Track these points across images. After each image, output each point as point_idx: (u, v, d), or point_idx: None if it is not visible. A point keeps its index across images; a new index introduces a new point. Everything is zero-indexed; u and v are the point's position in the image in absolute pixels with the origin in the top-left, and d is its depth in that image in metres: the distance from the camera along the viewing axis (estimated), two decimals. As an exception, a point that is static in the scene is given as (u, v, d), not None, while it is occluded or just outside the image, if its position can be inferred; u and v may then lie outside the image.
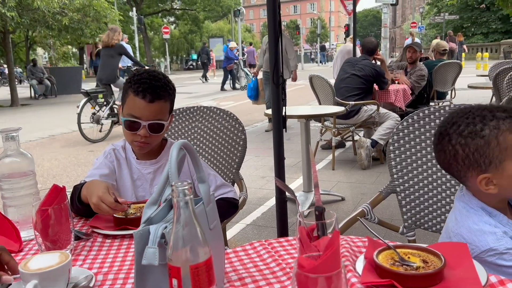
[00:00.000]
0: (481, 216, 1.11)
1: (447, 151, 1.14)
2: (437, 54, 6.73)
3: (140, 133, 1.46)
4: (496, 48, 28.23)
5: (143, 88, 1.44)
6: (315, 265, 0.66)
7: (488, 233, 1.06)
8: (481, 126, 1.09)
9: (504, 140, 1.07)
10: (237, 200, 1.64)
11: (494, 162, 1.09)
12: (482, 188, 1.11)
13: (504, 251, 1.03)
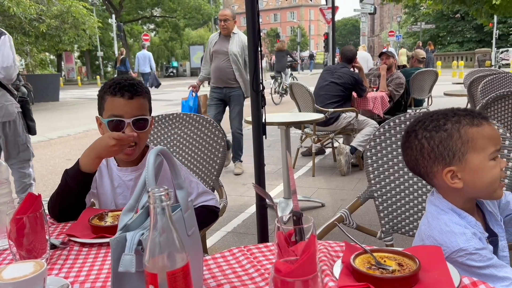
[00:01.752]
0: (451, 217, 1.14)
1: (413, 147, 1.19)
2: (416, 61, 6.88)
3: (126, 131, 1.45)
4: (471, 57, 29.00)
5: (119, 87, 1.47)
6: (291, 269, 0.67)
7: (458, 234, 1.09)
8: (444, 121, 1.15)
9: (466, 133, 1.12)
10: (218, 208, 1.64)
11: (458, 155, 1.13)
12: (448, 182, 1.15)
13: (474, 252, 1.06)
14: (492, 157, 1.12)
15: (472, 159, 1.12)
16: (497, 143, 1.13)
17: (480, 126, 1.12)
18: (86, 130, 9.16)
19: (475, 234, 1.09)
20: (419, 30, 34.18)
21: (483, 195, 1.17)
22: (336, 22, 7.73)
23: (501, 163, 1.13)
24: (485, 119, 1.15)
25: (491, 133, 1.13)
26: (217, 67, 5.02)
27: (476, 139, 1.12)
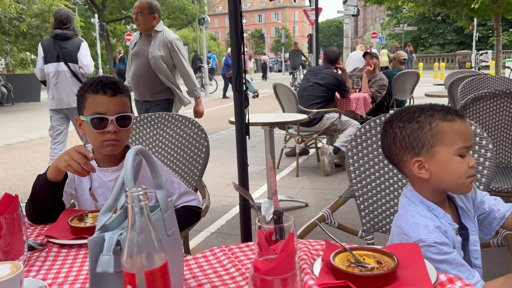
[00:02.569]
0: (419, 209, 1.18)
1: (388, 135, 1.24)
2: (397, 63, 6.97)
3: (110, 129, 1.44)
4: (452, 59, 29.49)
5: (101, 85, 1.46)
6: (270, 268, 0.67)
7: (421, 226, 1.13)
8: (419, 113, 1.19)
9: (436, 126, 1.16)
10: (201, 208, 1.64)
11: (426, 146, 1.17)
12: (415, 171, 1.19)
13: (432, 244, 1.09)
14: (459, 152, 1.15)
15: (440, 151, 1.16)
16: (467, 140, 1.16)
17: (452, 122, 1.16)
18: (68, 131, 9.02)
19: (439, 228, 1.13)
20: (402, 32, 34.64)
21: (448, 188, 1.20)
22: (320, 24, 7.82)
23: (470, 161, 1.16)
24: (459, 116, 1.18)
25: (462, 130, 1.16)
26: (134, 74, 3.82)
27: (446, 133, 1.16)
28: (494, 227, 1.29)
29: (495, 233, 1.30)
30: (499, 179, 2.49)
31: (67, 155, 1.32)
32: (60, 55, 4.27)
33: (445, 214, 1.18)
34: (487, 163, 1.55)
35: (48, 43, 4.33)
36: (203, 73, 16.44)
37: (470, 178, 1.16)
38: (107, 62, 33.46)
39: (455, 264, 1.09)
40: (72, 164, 1.30)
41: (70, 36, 4.33)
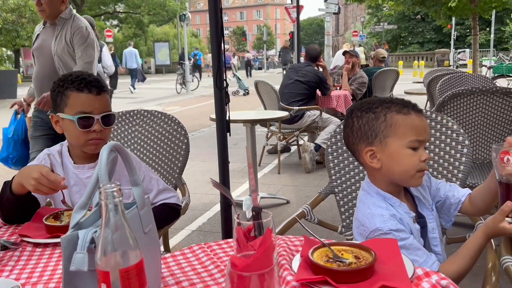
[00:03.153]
0: (375, 201, 1.23)
1: (347, 124, 1.29)
2: (377, 61, 7.05)
3: (95, 128, 1.43)
4: (431, 57, 29.95)
5: (85, 83, 1.44)
6: (247, 263, 0.66)
7: (377, 215, 1.17)
8: (377, 105, 1.24)
9: (391, 117, 1.20)
10: (180, 205, 1.62)
11: (379, 136, 1.21)
12: (368, 160, 1.23)
13: (387, 231, 1.13)
14: (410, 145, 1.18)
15: (391, 143, 1.20)
16: (420, 134, 1.19)
17: (406, 115, 1.20)
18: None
19: (394, 216, 1.17)
20: (382, 31, 35.00)
21: (398, 180, 1.24)
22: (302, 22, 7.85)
23: (422, 155, 1.19)
24: (416, 110, 1.21)
25: (415, 123, 1.19)
26: (37, 75, 2.99)
27: (399, 125, 1.19)
28: (452, 212, 1.33)
29: (449, 216, 1.33)
30: (476, 175, 2.54)
31: (33, 179, 1.21)
32: None
33: (401, 203, 1.22)
34: (463, 158, 1.57)
35: None
36: (184, 70, 16.32)
37: (420, 172, 1.20)
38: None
39: (412, 249, 1.12)
40: (42, 188, 1.23)
41: None
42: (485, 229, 1.11)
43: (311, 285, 0.86)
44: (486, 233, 1.11)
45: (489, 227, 1.10)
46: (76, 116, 1.42)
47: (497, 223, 1.07)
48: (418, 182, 1.22)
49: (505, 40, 31.76)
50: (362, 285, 0.85)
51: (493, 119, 2.60)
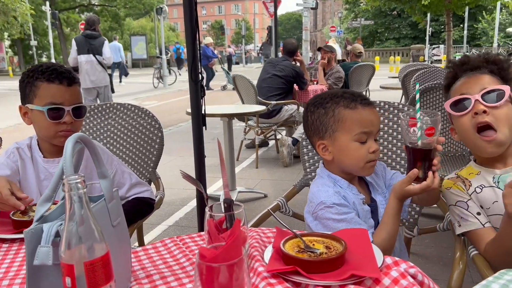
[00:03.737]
0: (325, 182, 1.31)
1: (304, 118, 1.35)
2: (353, 56, 7.12)
3: (66, 120, 1.40)
4: (407, 53, 30.41)
5: (56, 74, 1.41)
6: (216, 254, 0.66)
7: (322, 191, 1.26)
8: (328, 99, 1.29)
9: (339, 113, 1.26)
10: (154, 200, 1.61)
11: (329, 131, 1.28)
12: (320, 153, 1.31)
13: (331, 205, 1.21)
14: (357, 138, 1.25)
15: (340, 137, 1.26)
16: (366, 126, 1.25)
17: (353, 109, 1.25)
18: (18, 123, 8.63)
19: (338, 192, 1.25)
20: (359, 26, 35.34)
21: (349, 170, 1.31)
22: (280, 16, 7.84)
23: (371, 147, 1.25)
24: (364, 104, 1.26)
25: (361, 117, 1.25)
26: None
27: (345, 120, 1.26)
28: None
29: (408, 207, 1.37)
30: (448, 168, 2.60)
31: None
32: (89, 49, 6.00)
33: (349, 185, 1.29)
34: (434, 150, 1.60)
35: (80, 40, 6.06)
36: (162, 64, 16.12)
37: (370, 163, 1.26)
38: (61, 52, 32.16)
39: (353, 223, 1.19)
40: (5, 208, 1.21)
41: (96, 36, 6.12)
42: (395, 194, 1.20)
43: (282, 275, 0.86)
44: (396, 197, 1.20)
45: (397, 191, 1.19)
46: (46, 107, 1.39)
47: (403, 187, 1.16)
48: (368, 172, 1.29)
49: (478, 37, 32.50)
50: (332, 274, 0.86)
51: (464, 112, 2.65)
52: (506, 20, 28.18)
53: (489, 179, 1.29)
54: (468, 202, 1.30)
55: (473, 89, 1.26)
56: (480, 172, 1.33)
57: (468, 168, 1.38)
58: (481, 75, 1.29)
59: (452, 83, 1.36)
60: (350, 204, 1.24)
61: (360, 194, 1.30)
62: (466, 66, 1.34)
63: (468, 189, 1.32)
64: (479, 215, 1.27)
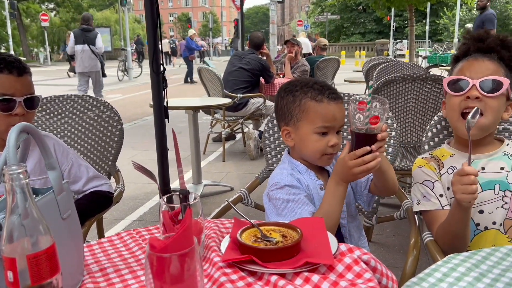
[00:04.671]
0: (285, 166, 1.35)
1: (275, 102, 1.38)
2: (319, 49, 7.20)
3: (18, 111, 1.34)
4: (372, 47, 30.98)
5: (5, 63, 1.35)
6: (166, 245, 0.65)
7: (278, 173, 1.32)
8: (298, 88, 1.31)
9: (305, 103, 1.28)
10: (112, 193, 1.57)
11: (293, 119, 1.30)
12: (284, 138, 1.36)
13: (282, 186, 1.26)
14: (318, 131, 1.27)
15: (302, 127, 1.29)
16: (328, 121, 1.27)
17: (319, 102, 1.27)
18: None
19: (292, 175, 1.29)
20: (326, 20, 35.72)
21: (307, 159, 1.34)
22: (248, 10, 7.83)
23: (330, 140, 1.28)
24: (331, 98, 1.28)
25: (325, 111, 1.27)
26: None
27: (309, 112, 1.27)
28: (363, 191, 1.41)
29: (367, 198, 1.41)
30: (407, 158, 2.67)
31: None
32: (85, 40, 7.35)
33: (308, 170, 1.33)
34: (391, 141, 1.64)
35: (77, 33, 7.47)
36: (126, 56, 15.77)
37: (327, 156, 1.29)
38: (20, 43, 30.92)
39: (301, 203, 1.23)
40: None
41: (90, 29, 7.49)
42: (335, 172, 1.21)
43: (237, 265, 0.86)
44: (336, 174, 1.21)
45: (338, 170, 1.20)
46: None
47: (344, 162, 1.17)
48: (325, 163, 1.33)
49: (440, 32, 33.50)
50: (287, 262, 0.86)
51: (423, 104, 2.73)
52: (466, 17, 29.10)
53: (462, 162, 1.34)
54: (435, 183, 1.34)
55: (476, 73, 1.29)
56: (454, 155, 1.37)
57: (441, 149, 1.42)
58: (488, 61, 1.31)
59: (462, 56, 1.38)
60: (302, 187, 1.28)
61: (318, 180, 1.33)
62: (481, 43, 1.36)
63: (440, 170, 1.36)
64: (441, 197, 1.32)
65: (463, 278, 0.84)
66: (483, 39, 1.36)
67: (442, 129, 1.51)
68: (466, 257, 0.92)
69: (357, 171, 1.13)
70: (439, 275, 0.85)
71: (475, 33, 1.40)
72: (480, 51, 1.36)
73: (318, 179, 1.33)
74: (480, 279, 0.84)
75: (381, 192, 1.39)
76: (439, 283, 0.83)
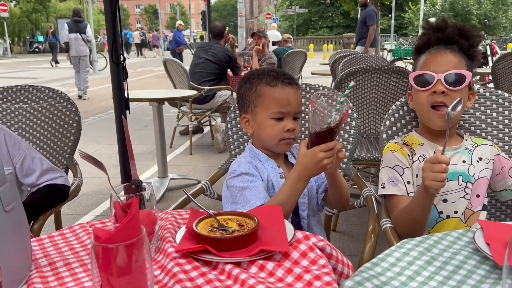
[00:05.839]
0: (246, 155, 1.38)
1: (237, 93, 1.42)
2: (284, 42, 7.26)
3: None
4: (339, 41, 31.34)
5: None
6: (111, 235, 0.63)
7: (236, 162, 1.35)
8: (255, 75, 1.35)
9: (260, 89, 1.32)
10: (69, 186, 1.52)
11: (251, 106, 1.34)
12: (244, 126, 1.39)
13: (239, 174, 1.28)
14: (273, 116, 1.30)
15: (259, 113, 1.32)
16: (283, 106, 1.30)
17: (273, 87, 1.30)
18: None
19: (251, 163, 1.32)
20: (294, 14, 35.84)
21: (266, 146, 1.37)
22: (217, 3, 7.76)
23: (286, 126, 1.30)
24: (285, 83, 1.31)
25: (280, 96, 1.30)
26: None
27: (264, 97, 1.31)
28: (319, 195, 1.43)
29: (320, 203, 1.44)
30: (371, 149, 2.71)
31: None
32: (77, 30, 8.91)
33: (268, 159, 1.35)
34: (352, 131, 1.66)
35: (71, 24, 8.97)
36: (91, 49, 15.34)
37: (285, 141, 1.31)
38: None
39: (255, 191, 1.24)
40: None
41: (81, 21, 9.09)
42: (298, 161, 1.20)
43: (192, 255, 0.85)
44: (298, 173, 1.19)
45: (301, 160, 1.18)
46: None
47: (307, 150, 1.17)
48: (283, 149, 1.34)
49: (405, 26, 34.22)
50: (243, 251, 0.85)
51: (385, 95, 2.78)
52: (429, 11, 29.83)
53: (431, 152, 1.37)
54: (405, 169, 1.36)
55: (440, 67, 1.31)
56: (423, 144, 1.40)
57: (410, 136, 1.44)
58: (451, 53, 1.33)
59: (424, 47, 1.41)
60: (259, 175, 1.29)
61: (278, 169, 1.34)
62: (441, 34, 1.38)
63: (413, 156, 1.38)
64: (408, 184, 1.35)
65: (415, 262, 0.86)
66: (442, 29, 1.39)
67: (400, 118, 1.53)
68: (419, 241, 0.94)
69: (327, 162, 1.14)
70: (392, 259, 0.87)
71: (434, 23, 1.43)
72: (440, 42, 1.38)
73: (278, 167, 1.34)
74: (431, 262, 0.86)
75: (333, 204, 1.41)
76: (392, 267, 0.84)
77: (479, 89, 1.53)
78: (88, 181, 3.60)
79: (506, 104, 1.51)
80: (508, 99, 1.51)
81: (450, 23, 1.41)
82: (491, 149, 1.39)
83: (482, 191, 1.36)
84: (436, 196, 1.23)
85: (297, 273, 0.79)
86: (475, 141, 1.42)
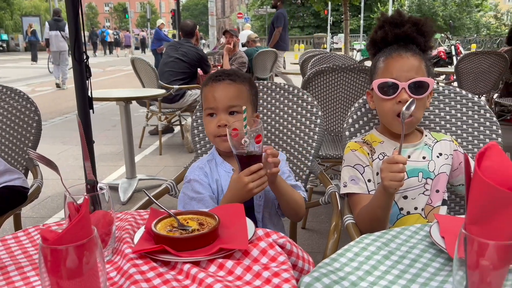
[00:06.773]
0: (205, 157, 1.46)
1: None
2: (252, 43, 7.28)
3: None
4: (310, 41, 31.66)
5: None
6: (59, 236, 0.61)
7: (192, 166, 1.43)
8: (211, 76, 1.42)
9: (203, 90, 1.42)
10: (27, 188, 1.47)
11: (201, 106, 1.45)
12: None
13: (189, 179, 1.35)
14: (206, 113, 1.39)
15: (203, 112, 1.42)
16: (209, 102, 1.38)
17: (206, 86, 1.41)
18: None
19: (202, 168, 1.38)
20: (265, 14, 35.90)
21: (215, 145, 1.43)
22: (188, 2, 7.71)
23: (218, 121, 1.35)
24: (215, 81, 1.38)
25: (207, 93, 1.39)
26: None
27: (202, 97, 1.43)
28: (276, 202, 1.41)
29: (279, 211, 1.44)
30: (338, 147, 2.74)
31: None
32: (57, 28, 9.83)
33: (223, 162, 1.39)
34: (317, 128, 1.67)
35: (51, 22, 10.00)
36: None
37: (219, 138, 1.36)
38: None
39: (201, 204, 1.28)
40: None
41: (61, 20, 9.97)
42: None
43: (150, 255, 0.83)
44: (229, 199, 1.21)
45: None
46: None
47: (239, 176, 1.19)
48: (221, 146, 1.37)
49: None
50: (202, 250, 0.84)
51: (351, 94, 2.82)
52: (397, 12, 30.49)
53: (391, 150, 1.38)
54: (365, 168, 1.37)
55: (403, 73, 1.32)
56: (384, 142, 1.41)
57: (371, 135, 1.45)
58: (412, 56, 1.34)
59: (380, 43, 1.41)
60: (209, 181, 1.34)
61: (232, 172, 1.34)
62: (398, 30, 1.37)
63: (372, 155, 1.40)
64: (369, 182, 1.36)
65: (373, 257, 0.87)
66: (398, 25, 1.39)
67: (362, 116, 1.56)
68: (377, 236, 0.95)
69: (253, 186, 1.15)
70: (351, 255, 0.88)
71: (389, 17, 1.43)
72: (398, 39, 1.39)
73: (233, 170, 1.34)
74: (389, 256, 0.87)
75: (286, 213, 1.41)
76: (350, 262, 0.85)
77: (438, 87, 1.57)
78: (54, 183, 3.50)
79: (463, 101, 1.55)
80: (466, 96, 1.56)
81: (405, 16, 1.41)
82: (450, 145, 1.43)
83: (441, 187, 1.39)
84: (397, 193, 1.26)
85: (256, 271, 0.79)
86: (434, 137, 1.44)
